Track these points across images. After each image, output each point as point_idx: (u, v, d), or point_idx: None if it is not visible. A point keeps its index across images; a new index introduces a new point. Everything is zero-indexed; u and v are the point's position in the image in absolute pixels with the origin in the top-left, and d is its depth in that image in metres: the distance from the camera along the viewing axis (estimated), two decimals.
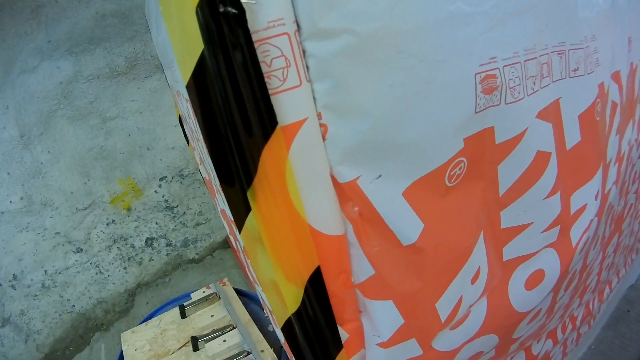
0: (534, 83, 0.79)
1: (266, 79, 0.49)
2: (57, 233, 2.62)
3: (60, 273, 2.68)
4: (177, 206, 2.92)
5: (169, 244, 2.97)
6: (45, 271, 2.64)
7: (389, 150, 0.59)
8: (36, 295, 2.64)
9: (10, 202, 2.47)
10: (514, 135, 0.76)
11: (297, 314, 0.64)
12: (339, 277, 0.65)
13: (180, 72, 0.54)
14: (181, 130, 1.66)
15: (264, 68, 0.49)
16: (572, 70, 0.94)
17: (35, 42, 2.34)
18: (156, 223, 2.89)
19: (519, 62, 0.73)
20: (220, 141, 0.53)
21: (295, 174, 0.54)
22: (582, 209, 1.04)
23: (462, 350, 0.90)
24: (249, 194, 0.54)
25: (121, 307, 2.89)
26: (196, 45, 0.48)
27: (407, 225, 0.65)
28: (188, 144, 1.70)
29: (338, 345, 0.71)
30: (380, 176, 0.60)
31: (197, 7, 0.46)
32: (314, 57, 0.52)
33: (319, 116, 0.55)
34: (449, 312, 0.79)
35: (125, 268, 2.86)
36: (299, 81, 0.51)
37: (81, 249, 2.71)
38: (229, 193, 0.57)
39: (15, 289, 2.58)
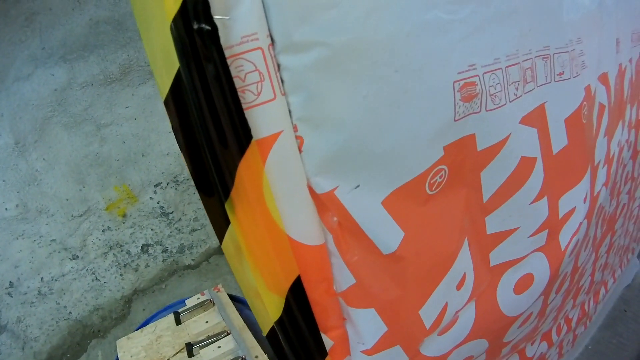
0: (517, 88, 0.79)
1: (241, 94, 0.50)
2: (52, 240, 2.62)
3: (56, 280, 2.68)
4: (172, 212, 2.92)
5: (164, 250, 2.96)
6: (42, 278, 2.64)
7: (366, 161, 0.60)
8: (33, 303, 2.64)
9: (6, 209, 2.47)
10: (497, 141, 0.76)
11: (280, 322, 0.64)
12: (320, 286, 0.65)
13: (159, 87, 0.55)
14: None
15: (238, 83, 0.49)
16: (558, 74, 0.94)
17: (29, 49, 2.35)
18: (152, 229, 2.89)
19: (500, 69, 0.74)
20: (199, 155, 0.53)
21: (272, 186, 0.55)
22: (571, 212, 1.04)
23: (452, 355, 0.90)
24: (227, 206, 0.55)
25: (118, 313, 2.89)
26: (173, 62, 0.49)
27: (387, 234, 0.65)
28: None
29: (322, 352, 0.71)
30: (358, 186, 0.60)
31: (171, 23, 0.46)
32: (288, 71, 0.52)
33: (295, 128, 0.55)
34: (433, 319, 0.79)
35: (121, 275, 2.86)
36: (273, 95, 0.52)
37: (77, 256, 2.71)
38: (209, 205, 0.58)
39: (12, 297, 2.58)
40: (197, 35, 0.46)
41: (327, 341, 0.71)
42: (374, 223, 0.63)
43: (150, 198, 2.84)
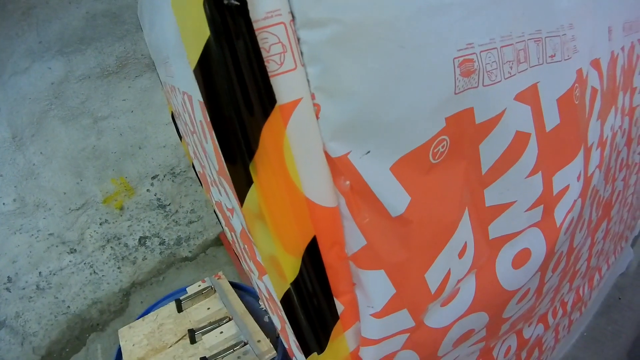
0: (511, 67, 0.84)
1: (265, 63, 0.55)
2: (50, 234, 2.64)
3: (54, 274, 2.69)
4: (169, 204, 2.95)
5: (162, 243, 2.99)
6: (40, 273, 2.65)
7: (376, 128, 0.65)
8: (31, 297, 2.65)
9: (4, 204, 2.48)
10: (493, 115, 0.81)
11: (295, 283, 0.69)
12: (332, 248, 0.69)
13: (188, 58, 0.60)
14: (174, 128, 1.70)
15: (263, 53, 0.55)
16: (549, 57, 0.98)
17: (26, 43, 2.36)
18: (149, 222, 2.91)
19: (495, 48, 0.78)
20: (224, 121, 0.58)
21: (292, 148, 0.60)
22: (565, 189, 1.07)
23: (454, 327, 0.94)
24: (250, 168, 0.60)
25: (116, 306, 2.91)
26: (203, 33, 0.54)
27: (395, 198, 0.70)
28: (181, 140, 1.73)
29: (334, 316, 0.75)
30: (369, 152, 0.65)
31: (204, 0, 0.51)
32: (306, 44, 0.58)
33: (313, 97, 0.60)
34: (438, 284, 0.83)
35: (119, 268, 2.88)
36: (294, 65, 0.57)
37: (75, 250, 2.73)
38: (232, 169, 0.63)
39: (10, 292, 2.59)
40: (227, 10, 0.52)
41: (338, 305, 0.76)
42: (383, 187, 0.68)
43: (147, 190, 2.86)
